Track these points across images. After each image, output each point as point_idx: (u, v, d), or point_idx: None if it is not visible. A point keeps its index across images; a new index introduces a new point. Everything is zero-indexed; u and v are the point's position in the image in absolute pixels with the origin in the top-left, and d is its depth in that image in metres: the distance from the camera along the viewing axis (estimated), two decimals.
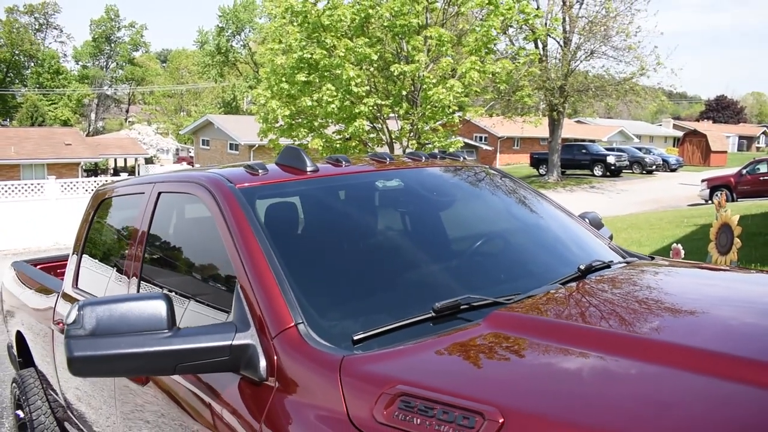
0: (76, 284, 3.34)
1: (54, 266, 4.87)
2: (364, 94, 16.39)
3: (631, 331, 1.60)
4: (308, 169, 2.36)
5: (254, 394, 1.73)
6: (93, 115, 74.09)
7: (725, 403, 1.22)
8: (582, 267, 2.17)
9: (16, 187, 18.72)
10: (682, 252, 6.60)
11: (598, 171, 34.77)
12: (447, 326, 1.75)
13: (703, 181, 23.85)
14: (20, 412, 4.24)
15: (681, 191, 26.83)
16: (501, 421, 1.22)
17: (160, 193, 2.64)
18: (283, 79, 17.06)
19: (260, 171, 2.33)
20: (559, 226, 2.69)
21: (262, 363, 1.73)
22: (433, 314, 1.78)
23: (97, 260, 3.35)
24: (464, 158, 3.04)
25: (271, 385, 1.69)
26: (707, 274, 2.29)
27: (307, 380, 1.63)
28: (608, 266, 2.28)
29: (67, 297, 3.35)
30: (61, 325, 3.25)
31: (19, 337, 4.30)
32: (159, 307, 1.74)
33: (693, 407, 1.24)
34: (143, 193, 2.80)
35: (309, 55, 16.67)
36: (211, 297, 2.24)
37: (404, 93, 17.29)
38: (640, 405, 1.26)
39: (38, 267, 4.72)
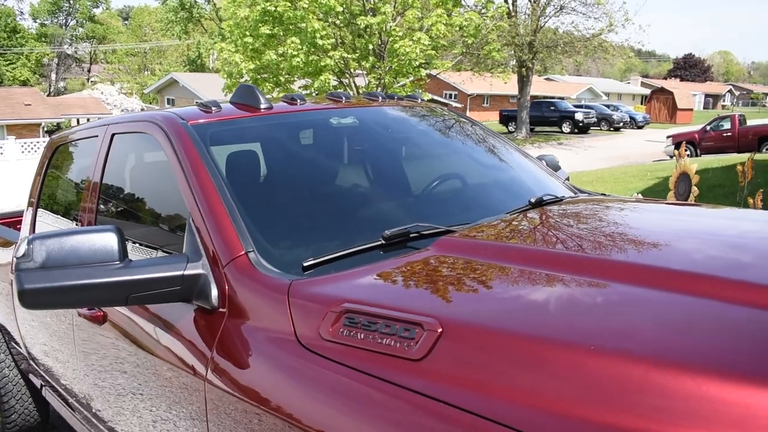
0: (33, 232, 3.30)
1: (13, 221, 4.80)
2: (329, 47, 16.19)
3: (573, 251, 1.65)
4: (262, 106, 2.36)
5: (207, 322, 1.76)
6: (53, 75, 71.99)
7: (664, 310, 1.27)
8: (533, 200, 2.22)
9: None
10: None
11: (566, 128, 35.02)
12: (396, 254, 1.78)
13: (668, 137, 24.21)
14: None
15: (647, 148, 27.22)
16: (440, 330, 1.26)
17: (113, 135, 2.61)
18: (247, 32, 16.75)
19: (213, 108, 2.33)
20: (513, 164, 2.73)
21: (214, 292, 1.75)
22: (383, 242, 1.81)
23: (53, 209, 3.31)
24: (422, 99, 3.05)
25: (222, 312, 1.72)
26: (657, 206, 2.35)
27: (257, 305, 1.65)
28: (560, 201, 2.33)
29: None
30: None
31: None
32: (110, 239, 1.74)
33: (625, 310, 1.30)
34: (97, 136, 2.76)
35: (273, 8, 16.34)
36: (165, 239, 2.24)
37: (371, 47, 17.10)
38: (578, 312, 1.31)
39: None
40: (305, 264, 1.72)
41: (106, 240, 1.74)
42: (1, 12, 65.50)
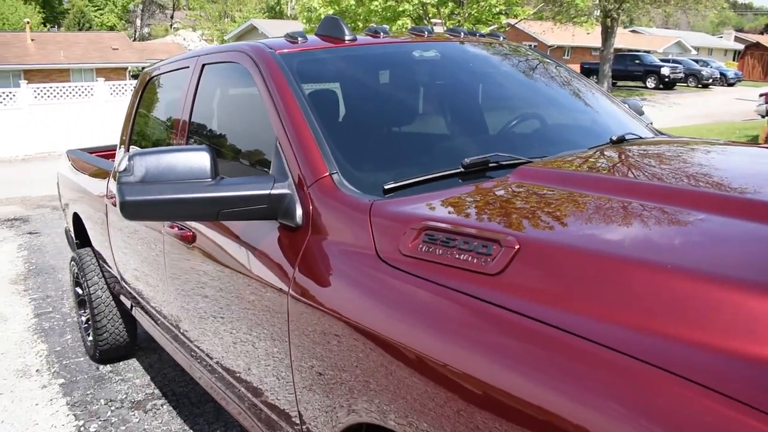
0: None
1: (107, 154, 5.06)
2: None
3: (659, 182, 1.64)
4: (347, 38, 2.41)
5: (290, 241, 1.85)
6: (138, 21, 73.92)
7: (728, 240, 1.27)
8: (614, 138, 2.20)
9: (68, 90, 19.13)
10: None
11: (650, 83, 33.61)
12: (476, 181, 1.82)
13: (761, 95, 22.73)
14: (79, 289, 4.55)
15: (737, 106, 25.83)
16: (517, 247, 1.30)
17: (204, 65, 2.72)
18: None
19: (300, 39, 2.40)
20: (596, 105, 2.69)
21: (299, 211, 1.84)
22: (462, 169, 1.85)
23: (146, 136, 3.49)
24: (504, 38, 3.02)
25: (306, 230, 1.81)
26: (745, 149, 2.28)
27: (339, 223, 1.73)
28: (641, 140, 2.30)
29: None
30: (113, 200, 3.43)
31: (76, 219, 4.55)
32: (203, 158, 1.85)
33: (700, 235, 1.30)
34: (188, 67, 2.88)
35: None
36: (255, 162, 2.35)
37: None
38: (654, 235, 1.32)
39: (93, 155, 4.92)
40: (386, 187, 1.79)
41: (199, 158, 1.85)
42: None
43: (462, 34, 2.82)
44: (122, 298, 3.94)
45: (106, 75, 30.57)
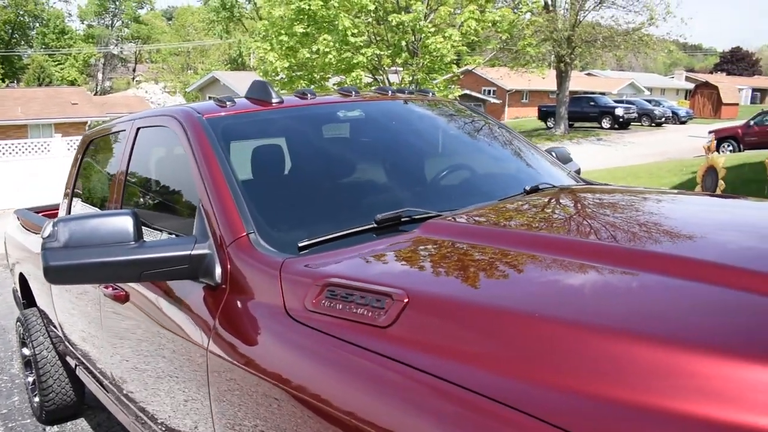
0: None
1: (55, 213, 5.06)
2: (361, 44, 16.39)
3: (547, 233, 1.75)
4: (273, 101, 2.51)
5: (211, 297, 1.92)
6: (100, 75, 73.92)
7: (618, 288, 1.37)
8: (527, 188, 2.32)
9: (23, 146, 18.95)
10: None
11: (606, 123, 34.49)
12: (388, 236, 1.91)
13: (710, 132, 23.69)
14: (26, 350, 4.49)
15: (689, 143, 26.66)
16: (406, 300, 1.39)
17: (138, 129, 2.80)
18: (282, 31, 17.05)
19: (228, 103, 2.49)
20: (516, 155, 2.82)
21: (218, 270, 1.91)
22: (375, 225, 1.95)
23: (85, 200, 3.53)
24: (433, 94, 3.17)
25: (224, 288, 1.88)
26: (652, 195, 2.41)
27: (254, 281, 1.81)
28: (556, 189, 2.42)
29: None
30: None
31: (22, 279, 4.53)
32: (126, 222, 1.91)
33: (595, 287, 1.40)
34: (124, 130, 2.96)
35: (307, 6, 16.58)
36: (181, 225, 2.41)
37: (404, 43, 17.23)
38: (544, 289, 1.42)
39: (40, 214, 4.92)
40: (300, 244, 1.87)
41: (122, 222, 1.91)
42: (51, 14, 67.57)
43: (389, 92, 2.95)
44: (67, 358, 3.91)
45: (65, 130, 30.34)
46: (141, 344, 2.41)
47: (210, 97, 2.74)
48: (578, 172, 3.29)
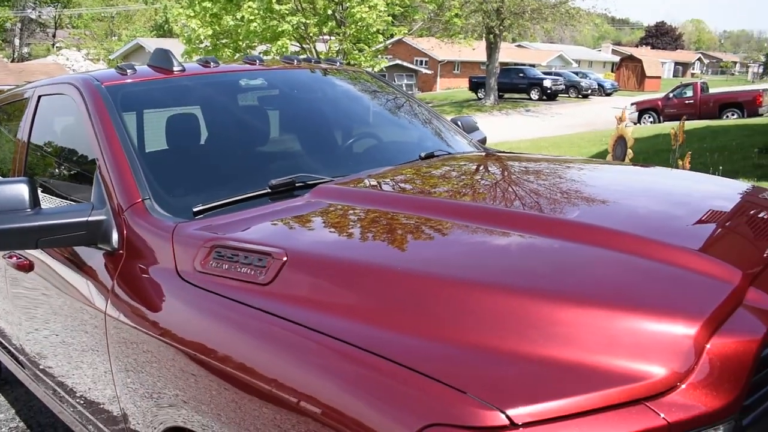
0: None
1: None
2: (287, 12, 16.14)
3: (441, 199, 1.87)
4: (175, 69, 2.53)
5: (110, 262, 1.96)
6: (17, 41, 70.07)
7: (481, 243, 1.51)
8: (423, 154, 2.44)
9: None
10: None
11: (534, 95, 35.28)
12: (282, 200, 1.99)
13: (632, 104, 24.60)
14: None
15: (613, 115, 27.57)
16: (284, 259, 1.48)
17: (40, 96, 2.77)
18: None
19: (129, 71, 2.50)
20: (416, 123, 2.94)
21: (115, 236, 1.95)
22: (269, 190, 2.02)
23: None
24: (341, 63, 3.24)
25: (121, 253, 1.93)
26: (549, 159, 2.58)
27: (148, 245, 1.86)
28: (451, 155, 2.55)
29: None
30: None
31: None
32: (21, 190, 1.93)
33: (459, 242, 1.53)
34: (27, 97, 2.91)
35: None
36: (82, 193, 2.42)
37: (330, 12, 17.07)
38: (411, 247, 1.54)
39: None
40: (195, 209, 1.93)
41: (18, 190, 1.93)
42: None
43: (295, 61, 3.00)
44: None
45: None
46: (46, 313, 2.42)
47: (116, 66, 2.75)
48: (483, 141, 3.44)
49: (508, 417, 1.02)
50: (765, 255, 1.46)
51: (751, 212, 1.80)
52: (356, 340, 1.23)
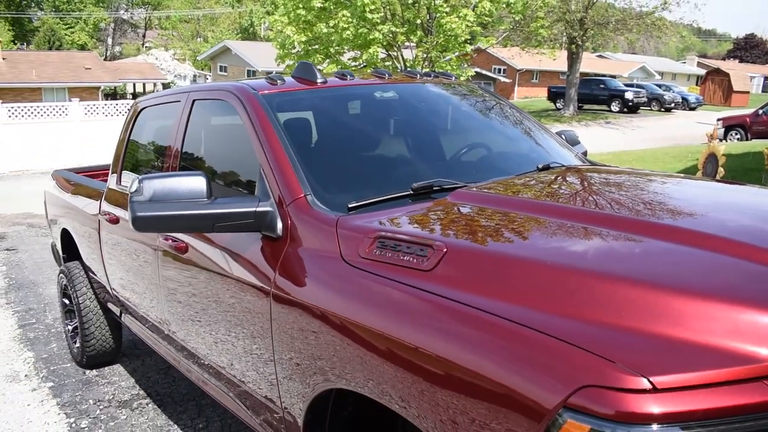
0: (120, 182, 3.88)
1: (93, 174, 5.41)
2: (378, 21, 16.60)
3: (568, 205, 2.11)
4: (318, 80, 2.86)
5: (272, 249, 2.28)
6: (110, 40, 73.76)
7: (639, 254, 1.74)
8: (540, 166, 2.67)
9: (42, 109, 19.26)
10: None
11: (615, 107, 34.65)
12: (422, 201, 2.27)
13: (718, 120, 23.86)
14: (66, 299, 4.88)
15: (697, 130, 26.83)
16: (445, 250, 1.75)
17: (194, 101, 3.14)
18: (300, 5, 17.23)
19: (278, 81, 2.84)
20: (530, 136, 3.17)
21: (279, 224, 2.26)
22: (412, 192, 2.31)
23: (137, 162, 3.88)
24: (455, 78, 3.51)
25: (285, 240, 2.24)
26: (666, 179, 2.75)
27: (312, 234, 2.16)
28: (564, 167, 2.78)
29: (112, 192, 3.89)
30: (109, 215, 3.81)
31: (65, 234, 4.89)
32: (200, 182, 2.27)
33: (598, 250, 1.76)
34: (179, 101, 3.29)
35: None
36: (241, 184, 2.77)
37: (419, 21, 17.42)
38: (555, 243, 1.78)
39: (80, 174, 5.28)
40: (350, 205, 2.23)
41: (197, 182, 2.27)
42: None
43: (418, 75, 3.29)
44: (110, 306, 4.28)
45: (78, 94, 30.62)
46: (198, 290, 2.77)
47: (265, 77, 3.11)
48: (585, 154, 3.63)
49: (651, 382, 1.24)
50: None
51: None
52: (511, 317, 1.48)
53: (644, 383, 1.24)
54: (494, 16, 19.12)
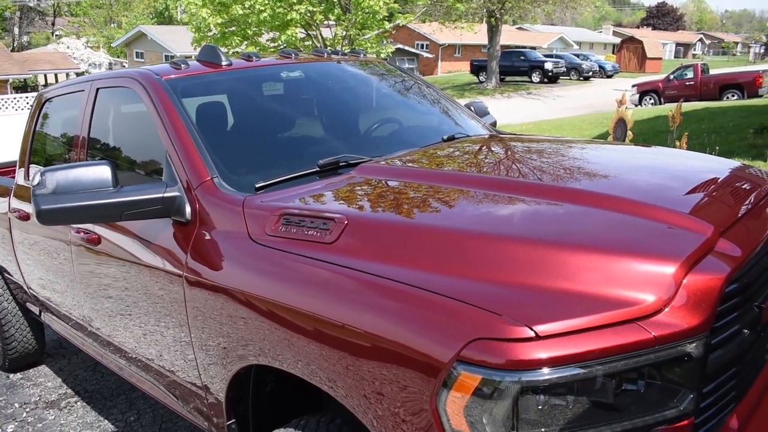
0: (28, 177, 3.76)
1: (6, 170, 5.19)
2: (295, 0, 16.41)
3: (465, 172, 2.21)
4: (223, 63, 2.86)
5: (182, 233, 2.29)
6: (16, 30, 70.05)
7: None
8: (445, 137, 2.77)
9: None
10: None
11: (535, 77, 35.46)
12: (328, 177, 2.33)
13: (633, 86, 24.79)
14: None
15: (614, 97, 27.71)
16: (346, 222, 1.83)
17: (98, 89, 3.08)
18: None
19: (182, 66, 2.82)
20: (437, 109, 3.27)
21: (188, 209, 2.28)
22: (318, 169, 2.36)
23: (44, 154, 3.77)
24: (364, 54, 3.56)
25: (194, 224, 2.26)
26: (558, 144, 2.90)
27: (220, 216, 2.20)
28: (468, 137, 2.89)
29: (20, 188, 3.77)
30: (19, 212, 3.70)
31: None
32: (105, 171, 2.26)
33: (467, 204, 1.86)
34: (83, 90, 3.22)
35: None
36: (148, 171, 2.75)
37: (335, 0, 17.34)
38: (445, 209, 1.88)
39: None
40: (257, 185, 2.27)
41: (102, 171, 2.26)
42: None
43: (324, 54, 3.32)
44: (29, 305, 4.17)
45: None
46: (115, 281, 2.75)
47: (169, 61, 3.07)
48: (494, 124, 3.76)
49: (534, 331, 1.35)
50: (736, 214, 1.80)
51: (734, 184, 2.12)
52: (408, 281, 1.57)
53: (528, 332, 1.35)
54: None
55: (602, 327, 1.38)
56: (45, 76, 43.61)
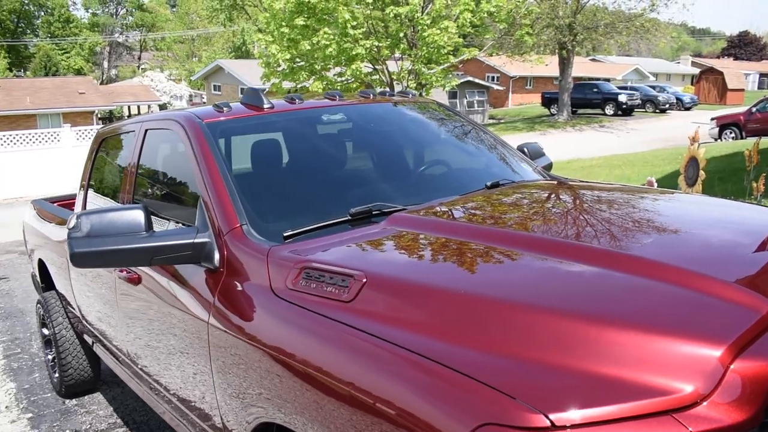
0: (84, 209, 3.87)
1: (69, 203, 5.41)
2: (361, 36, 16.69)
3: (501, 228, 2.08)
4: (265, 106, 2.85)
5: (211, 278, 2.27)
6: (106, 64, 74.24)
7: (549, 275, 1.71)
8: (488, 184, 2.65)
9: (33, 136, 19.32)
10: (655, 184, 7.01)
11: (609, 110, 34.64)
12: (361, 226, 2.26)
13: (712, 119, 23.80)
14: (45, 330, 4.86)
15: (691, 130, 26.76)
16: (364, 280, 1.74)
17: (146, 131, 3.14)
18: (283, 23, 17.32)
19: (225, 109, 2.83)
20: (484, 153, 3.15)
21: (216, 256, 2.25)
22: (350, 217, 2.29)
23: (100, 192, 3.88)
24: (413, 95, 3.50)
25: (222, 271, 2.23)
26: (613, 193, 2.69)
27: (246, 265, 2.16)
28: (514, 184, 2.75)
29: None
30: None
31: (41, 264, 4.89)
32: (138, 215, 2.27)
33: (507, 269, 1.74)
34: (134, 131, 3.30)
35: None
36: (184, 215, 2.76)
37: (401, 35, 17.50)
38: (478, 272, 1.76)
39: (55, 204, 5.28)
40: (285, 234, 2.22)
41: (135, 215, 2.27)
42: (55, 3, 67.70)
43: (371, 95, 3.28)
44: (85, 336, 4.27)
45: (73, 119, 30.71)
46: (152, 322, 2.76)
47: (213, 105, 3.11)
48: (549, 166, 3.60)
49: (550, 420, 1.20)
50: None
51: None
52: (423, 350, 1.46)
53: (543, 421, 1.21)
54: (478, 25, 19.17)
55: (630, 419, 1.21)
56: (129, 107, 45.87)
